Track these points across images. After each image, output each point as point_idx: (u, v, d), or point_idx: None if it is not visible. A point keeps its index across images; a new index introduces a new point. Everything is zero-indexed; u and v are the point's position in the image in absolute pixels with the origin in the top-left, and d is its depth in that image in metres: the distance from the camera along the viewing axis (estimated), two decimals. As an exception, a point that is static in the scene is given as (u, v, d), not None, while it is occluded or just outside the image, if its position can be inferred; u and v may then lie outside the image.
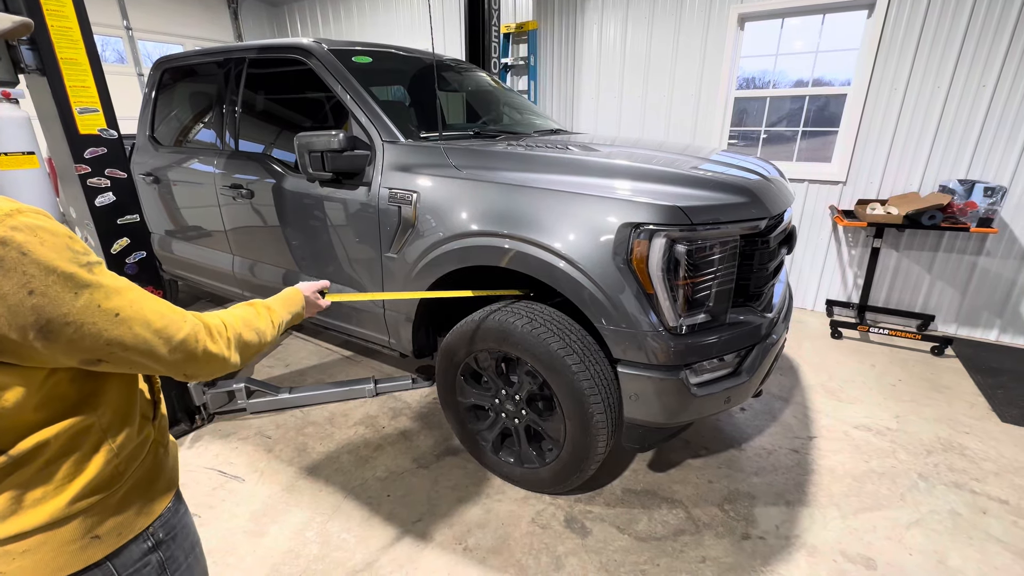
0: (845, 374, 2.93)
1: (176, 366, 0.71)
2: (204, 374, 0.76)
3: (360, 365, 3.06)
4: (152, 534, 0.78)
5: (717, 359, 1.64)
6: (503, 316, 1.75)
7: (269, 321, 0.93)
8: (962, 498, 1.97)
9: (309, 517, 1.87)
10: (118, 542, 0.73)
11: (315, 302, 1.17)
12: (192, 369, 0.74)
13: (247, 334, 0.84)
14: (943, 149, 3.20)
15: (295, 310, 1.07)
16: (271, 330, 0.92)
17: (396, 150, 1.98)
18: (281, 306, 1.02)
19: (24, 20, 0.65)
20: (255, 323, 0.88)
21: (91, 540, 0.70)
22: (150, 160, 2.96)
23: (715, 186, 1.62)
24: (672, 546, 1.75)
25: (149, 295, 0.69)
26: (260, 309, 0.94)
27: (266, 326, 0.91)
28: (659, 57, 3.98)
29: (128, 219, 2.10)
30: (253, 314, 0.90)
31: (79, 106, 1.89)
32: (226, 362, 0.78)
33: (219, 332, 0.78)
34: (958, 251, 3.32)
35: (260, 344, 0.87)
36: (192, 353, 0.72)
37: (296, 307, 1.07)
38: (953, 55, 3.04)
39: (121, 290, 0.65)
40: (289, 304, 1.05)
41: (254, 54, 2.47)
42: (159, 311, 0.69)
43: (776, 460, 2.19)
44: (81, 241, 0.63)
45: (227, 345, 0.78)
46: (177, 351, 0.70)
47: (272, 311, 0.96)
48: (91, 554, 0.70)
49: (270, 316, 0.94)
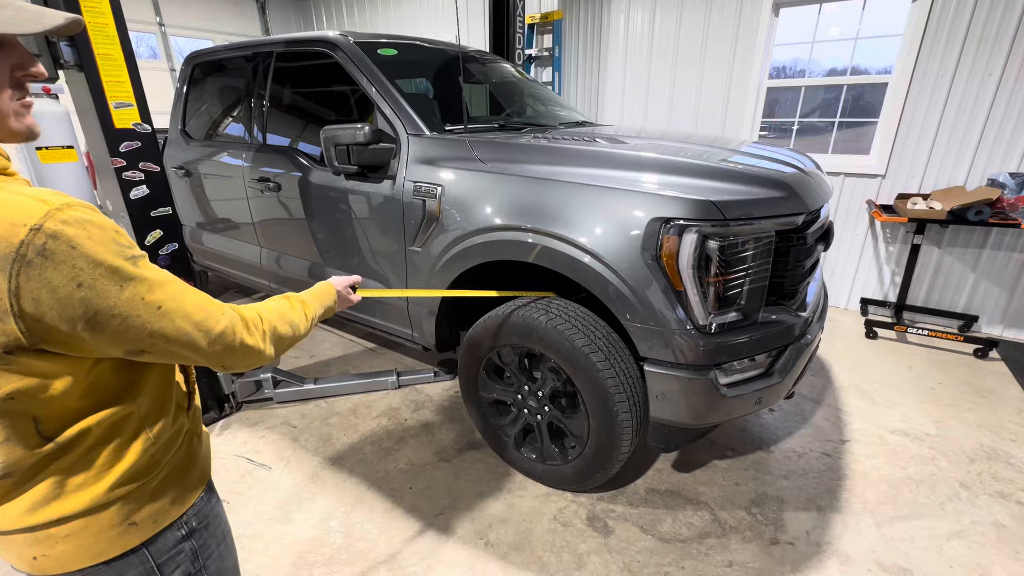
0: (880, 376, 2.81)
1: (215, 357, 0.72)
2: (241, 365, 0.77)
3: (383, 357, 3.09)
4: (186, 522, 0.80)
5: (748, 359, 1.59)
6: (527, 311, 1.73)
7: (303, 314, 0.93)
8: (1008, 509, 1.87)
9: (333, 507, 1.90)
10: (154, 529, 0.75)
11: (347, 297, 1.17)
12: (230, 361, 0.75)
13: (282, 327, 0.85)
14: (993, 140, 3.02)
15: (328, 303, 1.07)
16: (304, 323, 0.93)
17: (421, 143, 1.97)
18: (314, 299, 1.02)
19: (75, 17, 0.66)
20: (289, 316, 0.89)
21: (128, 527, 0.72)
22: (182, 154, 3.02)
23: (750, 179, 1.56)
24: (697, 548, 1.71)
25: (189, 288, 0.70)
26: (294, 302, 0.94)
27: (300, 319, 0.91)
28: (688, 46, 3.87)
29: (161, 212, 2.15)
30: (288, 307, 0.91)
31: (115, 101, 1.93)
32: (261, 354, 0.79)
33: (255, 325, 0.78)
34: (1007, 248, 3.14)
35: (294, 337, 0.88)
36: (230, 345, 0.73)
37: (328, 300, 1.08)
38: (1007, 40, 2.85)
39: (164, 283, 0.66)
40: (322, 298, 1.06)
41: (281, 48, 2.48)
42: (199, 304, 0.70)
43: (806, 464, 2.12)
44: (126, 234, 0.64)
45: (263, 338, 0.79)
46: (216, 343, 0.71)
47: (306, 304, 0.97)
48: (128, 540, 0.72)
49: (303, 309, 0.95)
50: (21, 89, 0.65)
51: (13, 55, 0.63)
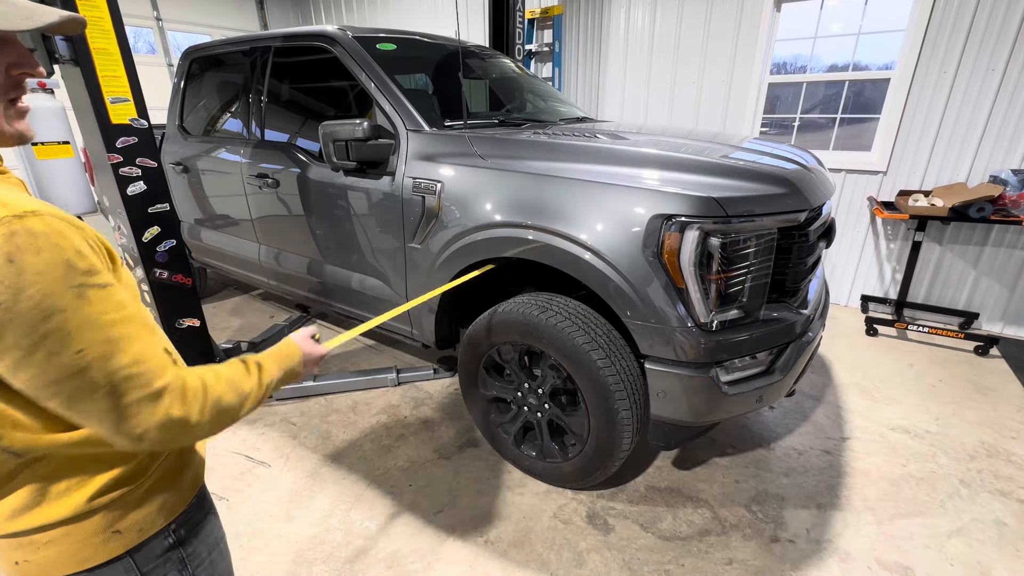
0: (881, 373, 2.81)
1: (125, 426, 0.61)
2: (162, 443, 0.64)
3: (383, 354, 3.08)
4: (174, 531, 0.78)
5: (749, 357, 1.58)
6: (527, 309, 1.72)
7: (257, 381, 0.80)
8: (1008, 507, 1.87)
9: (333, 504, 1.90)
10: (139, 538, 0.74)
11: (313, 352, 0.98)
12: (148, 436, 0.63)
13: (228, 396, 0.72)
14: (995, 137, 3.01)
15: (289, 365, 0.91)
16: (257, 391, 0.79)
17: (420, 139, 1.95)
18: (273, 363, 0.88)
19: (71, 15, 0.63)
20: (241, 385, 0.76)
21: (112, 534, 0.70)
22: (179, 149, 3.00)
23: (752, 176, 1.54)
24: (697, 546, 1.71)
25: (137, 336, 0.61)
26: (251, 367, 0.81)
27: (253, 387, 0.78)
28: (689, 42, 3.84)
29: (158, 208, 2.13)
30: (241, 373, 0.78)
31: (111, 96, 1.91)
32: (190, 431, 0.66)
33: (195, 395, 0.67)
34: (1008, 245, 3.13)
35: (239, 408, 0.74)
36: (151, 413, 0.62)
37: (290, 362, 0.92)
38: (1010, 36, 2.83)
39: (103, 324, 0.58)
40: (283, 359, 0.91)
41: (279, 42, 2.46)
42: (137, 356, 0.61)
43: (807, 461, 2.11)
44: (91, 257, 0.58)
45: (200, 410, 0.67)
46: (137, 406, 0.61)
47: (263, 369, 0.83)
48: (112, 548, 0.71)
49: (259, 375, 0.82)
50: (18, 88, 0.63)
51: (11, 53, 0.61)
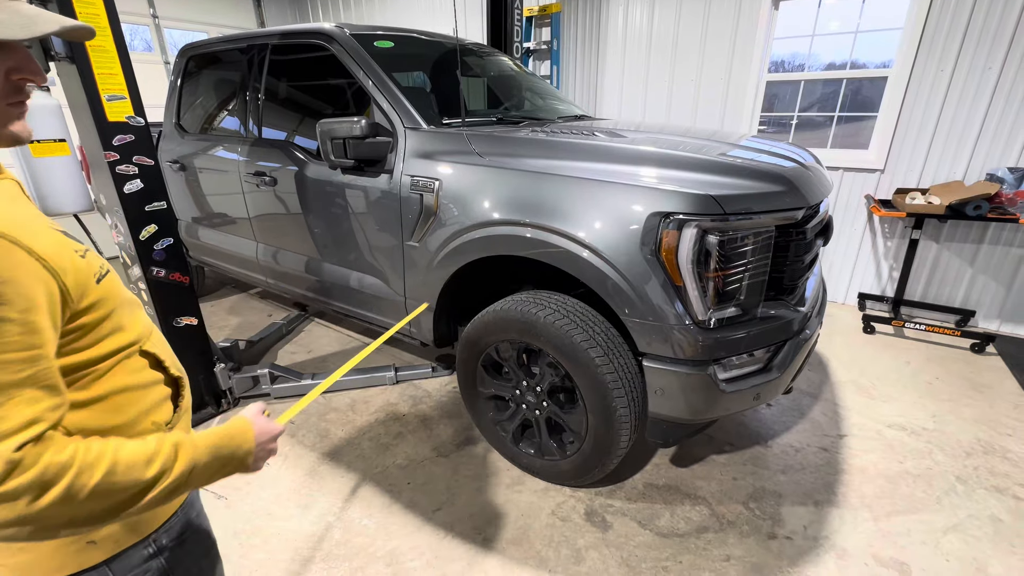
0: (878, 371, 2.82)
1: None
2: None
3: (381, 352, 3.08)
4: (155, 540, 0.76)
5: (747, 354, 1.58)
6: (525, 306, 1.72)
7: (167, 467, 0.62)
8: (1004, 503, 1.88)
9: (331, 502, 1.90)
10: (115, 548, 0.71)
11: (271, 430, 0.79)
12: None
13: (108, 480, 0.56)
14: (992, 135, 3.02)
15: (231, 446, 0.71)
16: (166, 481, 0.62)
17: (418, 137, 1.95)
18: (208, 445, 0.69)
19: (75, 24, 0.62)
20: (135, 471, 0.59)
21: (87, 544, 0.69)
22: (176, 147, 2.99)
23: (749, 174, 1.55)
24: (695, 543, 1.72)
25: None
26: (165, 447, 0.63)
27: (156, 472, 0.61)
28: (687, 40, 3.84)
29: (156, 206, 2.12)
30: (142, 455, 0.61)
31: (107, 93, 1.90)
32: (29, 521, 0.52)
33: (56, 472, 0.53)
34: (1004, 243, 3.14)
35: (126, 500, 0.59)
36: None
37: (234, 442, 0.72)
38: (1007, 34, 2.84)
39: None
40: (223, 440, 0.71)
41: (276, 40, 2.45)
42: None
43: (804, 458, 2.12)
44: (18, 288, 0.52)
45: (62, 493, 0.53)
46: None
47: (181, 449, 0.65)
48: (87, 558, 0.69)
49: (178, 458, 0.64)
50: (19, 93, 0.63)
51: (11, 58, 0.60)
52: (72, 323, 0.63)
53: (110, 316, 0.68)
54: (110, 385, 0.69)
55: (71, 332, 0.63)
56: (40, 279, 0.56)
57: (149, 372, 0.76)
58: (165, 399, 0.79)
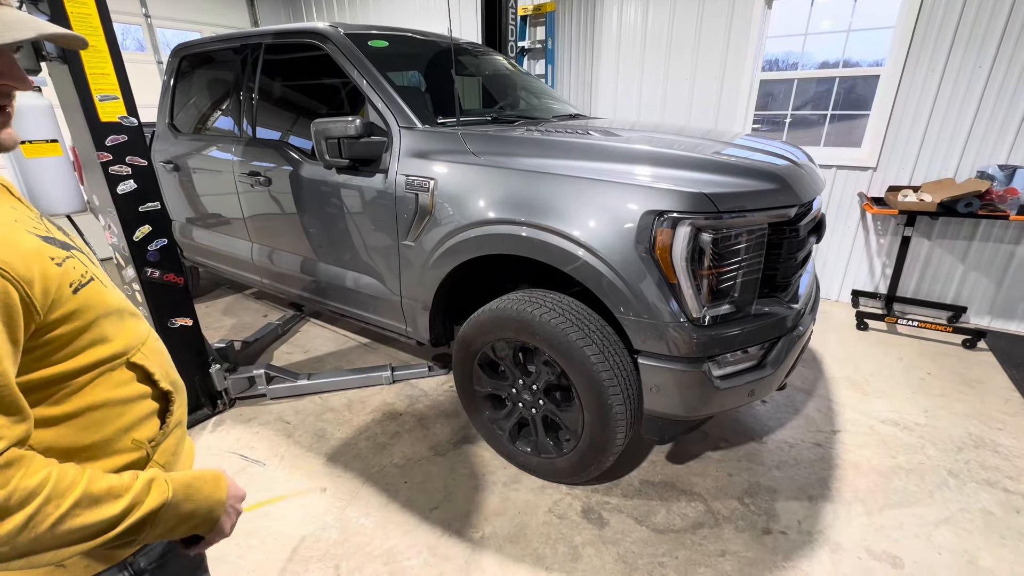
0: (871, 367, 2.84)
1: None
2: None
3: (377, 352, 3.08)
4: (131, 564, 0.71)
5: (741, 351, 1.60)
6: (521, 305, 1.73)
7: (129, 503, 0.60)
8: (995, 497, 1.90)
9: (329, 502, 1.90)
10: (86, 573, 0.67)
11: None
12: None
13: (73, 512, 0.55)
14: (983, 133, 3.05)
15: (203, 493, 0.69)
16: (134, 517, 0.60)
17: (413, 136, 1.95)
18: (180, 483, 0.67)
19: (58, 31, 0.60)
20: (104, 506, 0.57)
21: (56, 568, 0.65)
22: (170, 148, 2.98)
23: (743, 172, 1.56)
24: (691, 539, 1.73)
25: None
26: (138, 484, 0.62)
27: (125, 507, 0.59)
28: (681, 39, 3.85)
29: (149, 207, 2.12)
30: (113, 490, 0.59)
31: (99, 93, 1.89)
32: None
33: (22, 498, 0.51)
34: (995, 240, 3.17)
35: (89, 535, 0.56)
36: None
37: (207, 488, 0.70)
38: (997, 33, 2.87)
39: None
40: (196, 482, 0.69)
41: (270, 39, 2.45)
42: None
43: (798, 454, 2.14)
44: None
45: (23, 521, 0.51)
46: None
47: (154, 487, 0.64)
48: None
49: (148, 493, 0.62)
50: (3, 98, 0.61)
51: None
52: (41, 336, 0.59)
53: (90, 327, 0.65)
54: (87, 400, 0.65)
55: (40, 346, 0.59)
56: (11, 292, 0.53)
57: (134, 386, 0.72)
58: (150, 415, 0.75)
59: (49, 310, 0.59)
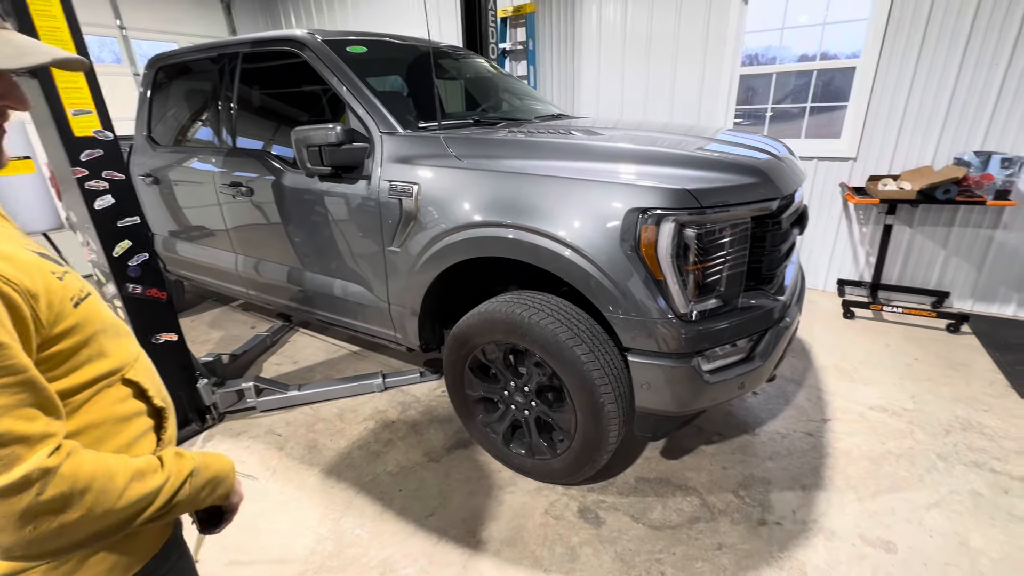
0: (859, 354, 2.88)
1: None
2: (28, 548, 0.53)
3: (368, 360, 3.05)
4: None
5: (730, 345, 1.60)
6: (510, 307, 1.72)
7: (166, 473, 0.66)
8: (983, 478, 1.93)
9: (322, 514, 1.87)
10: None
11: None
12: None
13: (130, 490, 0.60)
14: (957, 120, 3.10)
15: (217, 465, 0.77)
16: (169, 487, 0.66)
17: (395, 141, 1.94)
18: (199, 455, 0.75)
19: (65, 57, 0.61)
20: (147, 479, 0.63)
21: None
22: (148, 160, 2.93)
23: (724, 167, 1.57)
24: (687, 534, 1.73)
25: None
26: (167, 460, 0.68)
27: (161, 481, 0.65)
28: (661, 37, 3.88)
29: (128, 221, 2.08)
30: (149, 465, 0.65)
31: (72, 108, 1.86)
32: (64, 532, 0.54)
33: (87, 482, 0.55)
34: (974, 225, 3.23)
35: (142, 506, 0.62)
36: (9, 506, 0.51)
37: (219, 462, 0.78)
38: (967, 20, 2.92)
39: None
40: (209, 458, 0.77)
41: (247, 48, 2.42)
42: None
43: (791, 444, 2.16)
44: None
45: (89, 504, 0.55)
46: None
47: (181, 463, 0.70)
48: None
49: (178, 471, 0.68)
50: (1, 117, 0.62)
51: None
52: (44, 351, 0.59)
53: (89, 342, 0.65)
54: (87, 418, 0.65)
55: (43, 361, 0.59)
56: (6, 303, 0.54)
57: (131, 403, 0.72)
58: (147, 431, 0.75)
59: (53, 324, 0.60)
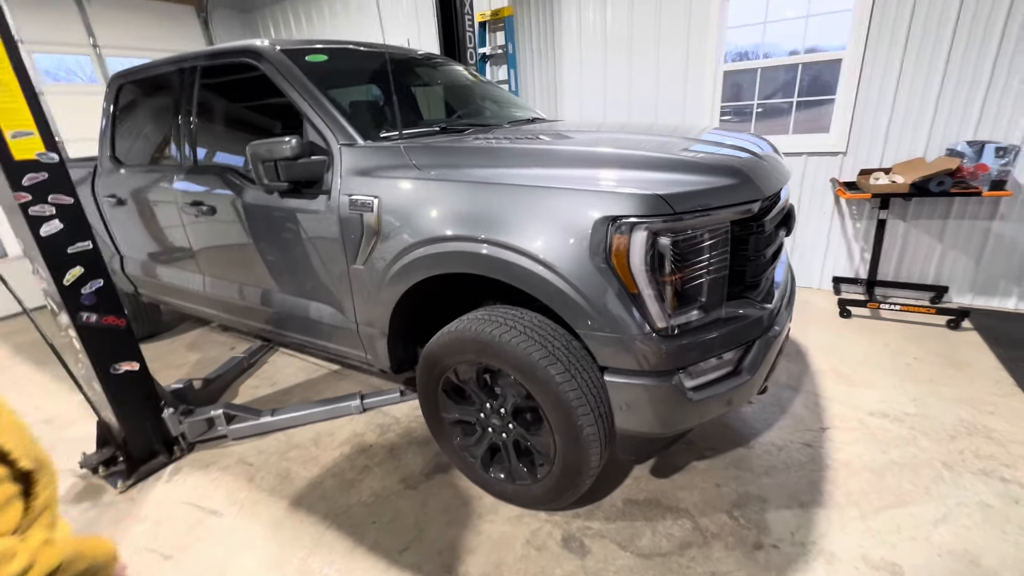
0: (857, 356, 2.77)
1: None
2: None
3: (348, 379, 2.94)
4: None
5: (714, 359, 1.49)
6: (480, 325, 1.61)
7: (27, 561, 0.58)
8: (992, 487, 1.82)
9: (290, 552, 1.75)
10: None
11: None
12: None
13: None
14: (948, 110, 3.01)
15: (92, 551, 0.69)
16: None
17: (354, 153, 1.84)
18: (73, 542, 0.67)
19: None
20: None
21: None
22: (113, 181, 2.83)
23: (699, 169, 1.46)
24: (678, 562, 1.62)
25: None
26: (32, 550, 0.60)
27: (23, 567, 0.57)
28: (642, 37, 3.79)
29: (80, 247, 1.97)
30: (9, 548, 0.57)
31: (10, 131, 1.75)
32: None
33: None
34: (970, 217, 3.13)
35: None
36: None
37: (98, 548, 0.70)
38: (954, 8, 2.83)
39: None
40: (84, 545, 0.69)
41: (205, 61, 2.32)
42: None
43: (788, 457, 2.04)
44: None
45: None
46: None
47: (48, 553, 0.62)
48: None
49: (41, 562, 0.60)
50: None
51: None
52: None
53: None
54: None
55: None
56: None
57: None
58: (11, 499, 0.64)
59: None
